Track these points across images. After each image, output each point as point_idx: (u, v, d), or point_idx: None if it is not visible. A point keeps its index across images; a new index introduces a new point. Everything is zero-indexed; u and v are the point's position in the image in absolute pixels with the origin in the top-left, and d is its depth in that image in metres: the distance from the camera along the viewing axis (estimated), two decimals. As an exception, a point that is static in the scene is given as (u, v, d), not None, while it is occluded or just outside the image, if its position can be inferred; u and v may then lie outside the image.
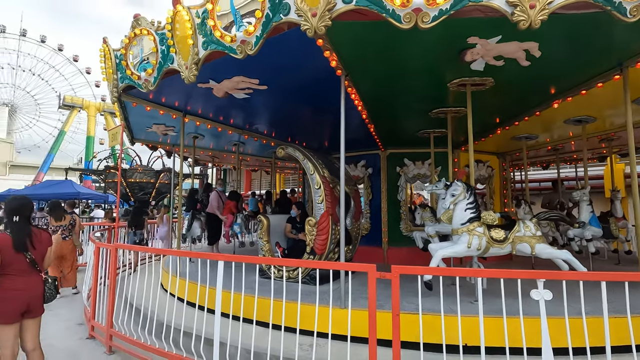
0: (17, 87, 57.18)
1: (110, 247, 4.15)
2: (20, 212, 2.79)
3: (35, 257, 2.77)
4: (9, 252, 2.63)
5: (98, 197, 19.75)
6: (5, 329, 2.65)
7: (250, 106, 5.28)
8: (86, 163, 38.80)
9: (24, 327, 2.79)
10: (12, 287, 2.66)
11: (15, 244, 2.65)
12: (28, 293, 2.73)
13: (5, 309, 2.63)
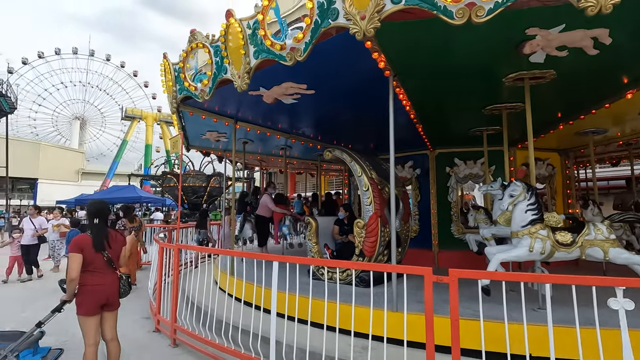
0: (86, 102, 63.50)
1: (173, 247, 4.47)
2: (99, 215, 3.11)
3: (112, 256, 3.07)
4: (90, 251, 2.95)
5: (157, 201, 21.28)
6: (88, 320, 2.96)
7: (297, 111, 5.40)
8: (145, 169, 42.01)
9: (104, 319, 3.10)
10: (93, 282, 2.97)
11: (94, 244, 2.96)
12: (106, 288, 3.03)
13: (87, 302, 2.95)
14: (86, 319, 2.96)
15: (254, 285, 3.46)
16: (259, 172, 24.25)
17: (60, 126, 64.72)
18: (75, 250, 2.91)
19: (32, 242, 7.99)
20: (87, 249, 2.94)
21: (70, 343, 4.01)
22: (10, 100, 26.73)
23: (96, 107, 64.83)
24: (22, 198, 43.57)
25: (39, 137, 60.01)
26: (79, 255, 2.89)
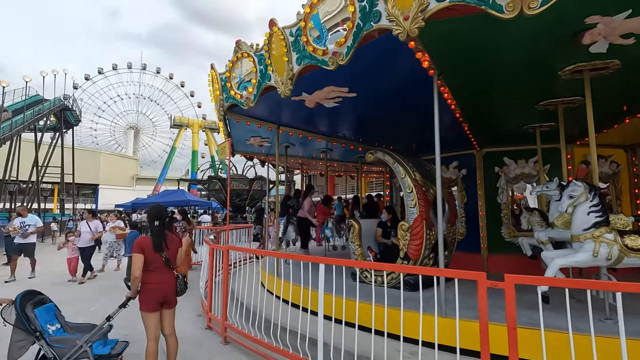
0: (139, 113, 68.35)
1: (223, 249, 4.68)
2: (158, 218, 3.34)
3: (169, 257, 3.28)
4: (150, 252, 3.17)
5: (203, 204, 22.36)
6: (149, 316, 3.19)
7: (338, 114, 5.44)
8: (192, 174, 44.28)
9: (163, 316, 3.32)
10: (153, 281, 3.19)
11: (154, 245, 3.19)
12: (164, 287, 3.24)
13: (149, 299, 3.18)
14: (148, 315, 3.18)
15: (301, 287, 3.51)
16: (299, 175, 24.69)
17: (117, 135, 70.18)
18: (137, 250, 3.14)
19: (88, 245, 8.43)
20: (147, 250, 3.16)
21: (131, 336, 4.30)
22: (75, 113, 29.48)
23: (148, 117, 69.57)
24: (85, 202, 47.84)
25: (99, 146, 65.46)
26: (141, 256, 3.12)
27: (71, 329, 3.42)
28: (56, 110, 25.28)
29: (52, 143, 28.03)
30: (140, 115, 69.10)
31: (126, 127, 70.40)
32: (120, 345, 3.42)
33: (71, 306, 5.67)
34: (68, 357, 3.05)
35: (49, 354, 3.10)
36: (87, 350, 3.09)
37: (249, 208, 23.11)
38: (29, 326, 3.09)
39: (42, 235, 17.47)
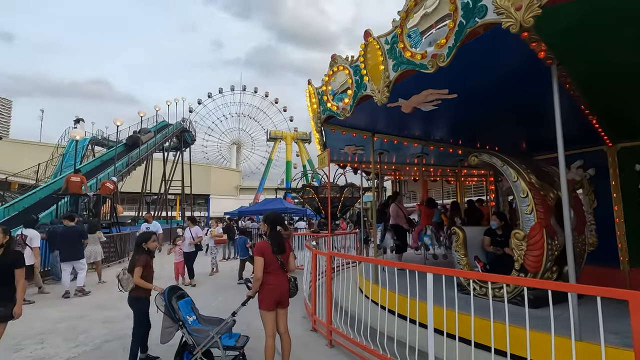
0: (240, 129, 76.01)
1: (325, 255, 4.87)
2: (275, 224, 3.66)
3: (283, 260, 3.55)
4: (269, 255, 3.46)
5: (299, 211, 23.60)
6: (267, 314, 3.48)
7: (436, 117, 5.23)
8: (287, 183, 47.23)
9: (278, 315, 3.59)
10: (271, 282, 3.47)
11: (273, 248, 3.48)
12: (280, 288, 3.51)
13: (267, 299, 3.46)
14: (266, 314, 3.47)
15: (408, 297, 3.44)
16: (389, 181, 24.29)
17: (223, 151, 79.19)
18: (258, 254, 3.44)
19: (190, 250, 8.73)
20: (267, 253, 3.43)
21: (247, 332, 4.70)
22: (192, 134, 34.25)
23: (247, 133, 76.91)
24: (200, 210, 54.94)
25: (209, 160, 74.68)
26: (262, 259, 3.44)
27: (204, 321, 3.93)
28: (178, 133, 29.76)
29: (175, 160, 33.01)
30: (241, 132, 76.84)
31: (230, 143, 79.00)
32: (242, 339, 3.79)
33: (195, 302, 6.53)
34: (203, 345, 3.51)
35: (189, 341, 3.61)
36: (218, 341, 3.51)
37: (340, 215, 23.54)
38: (174, 315, 3.66)
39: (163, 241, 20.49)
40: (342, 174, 26.27)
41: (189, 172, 33.48)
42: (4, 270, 3.28)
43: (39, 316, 5.94)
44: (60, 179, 15.36)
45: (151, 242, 4.26)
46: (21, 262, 3.55)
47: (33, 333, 5.13)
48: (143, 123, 24.56)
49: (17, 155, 31.99)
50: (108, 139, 25.20)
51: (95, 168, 18.67)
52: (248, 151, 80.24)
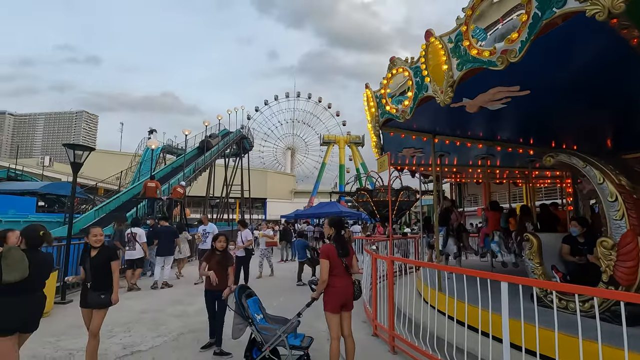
0: (294, 135, 78.07)
1: (387, 260, 4.82)
2: (341, 227, 3.72)
3: (347, 263, 3.58)
4: (335, 258, 3.51)
5: (354, 215, 23.55)
6: (333, 317, 3.52)
7: (505, 115, 4.91)
8: (340, 187, 47.42)
9: (342, 318, 3.61)
10: (337, 284, 3.50)
11: (338, 251, 3.53)
12: (345, 290, 3.53)
13: (332, 301, 3.50)
14: (331, 316, 3.51)
15: (478, 308, 3.26)
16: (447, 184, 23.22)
17: (278, 156, 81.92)
18: (324, 256, 3.48)
19: (242, 254, 8.53)
20: (332, 256, 3.47)
21: (310, 332, 4.80)
22: (250, 140, 35.96)
23: (301, 138, 78.73)
24: (258, 214, 57.33)
25: (265, 165, 77.73)
26: (327, 261, 3.46)
27: (270, 320, 4.08)
28: (237, 140, 31.46)
29: (235, 166, 34.89)
30: (295, 137, 78.92)
31: (285, 148, 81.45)
32: (307, 339, 3.87)
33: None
34: (271, 343, 3.65)
35: (257, 338, 3.77)
36: (284, 340, 3.62)
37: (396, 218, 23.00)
38: (244, 313, 3.86)
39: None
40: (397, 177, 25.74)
41: (247, 177, 35.14)
42: (104, 263, 3.77)
43: (127, 307, 6.65)
44: (138, 185, 17.09)
45: (217, 242, 4.80)
46: (116, 256, 4.03)
47: (122, 322, 5.76)
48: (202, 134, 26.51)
49: (103, 164, 36.26)
50: (177, 147, 27.48)
51: (167, 174, 20.47)
52: (302, 156, 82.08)
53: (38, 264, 3.15)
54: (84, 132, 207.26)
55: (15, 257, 2.98)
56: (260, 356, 3.71)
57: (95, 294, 3.69)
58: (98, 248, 3.81)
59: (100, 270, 3.73)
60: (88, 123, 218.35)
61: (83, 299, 3.77)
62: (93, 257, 3.76)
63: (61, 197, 21.30)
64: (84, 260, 3.82)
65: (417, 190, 23.28)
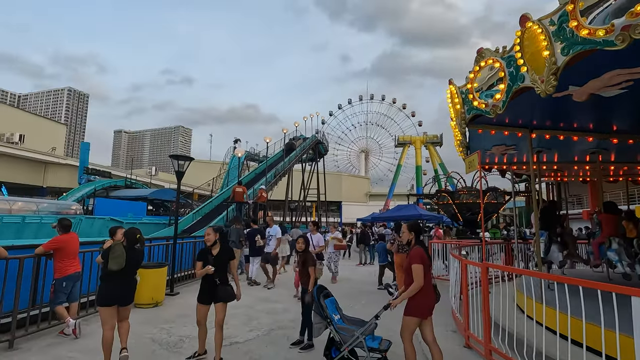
0: (368, 137, 77.60)
1: (480, 266, 4.48)
2: (421, 232, 3.66)
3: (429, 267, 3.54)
4: (426, 262, 3.48)
5: (433, 218, 22.44)
6: (415, 322, 3.45)
7: (624, 102, 4.21)
8: (418, 189, 45.61)
9: (425, 323, 3.52)
10: (428, 289, 3.42)
11: (427, 255, 3.50)
12: (433, 295, 3.47)
13: (423, 306, 3.44)
14: (415, 321, 3.43)
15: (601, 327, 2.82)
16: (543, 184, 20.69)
17: (352, 159, 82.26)
18: (418, 261, 3.43)
19: None
20: (425, 261, 3.45)
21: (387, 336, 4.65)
22: (325, 145, 36.81)
23: (375, 140, 77.94)
24: (333, 217, 58.26)
25: (339, 169, 78.63)
26: (422, 266, 3.40)
27: (347, 321, 4.08)
28: (313, 145, 32.47)
29: (311, 170, 36.02)
30: (369, 140, 78.42)
31: (359, 151, 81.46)
32: (385, 342, 3.82)
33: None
34: (349, 344, 3.65)
35: (336, 338, 3.79)
36: (362, 341, 3.61)
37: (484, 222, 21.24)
38: (323, 313, 3.92)
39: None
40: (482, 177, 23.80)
41: (323, 181, 35.98)
42: (224, 261, 4.27)
43: (222, 302, 7.32)
44: (227, 190, 18.72)
45: (297, 243, 5.26)
46: (233, 254, 4.51)
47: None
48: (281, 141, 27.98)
49: (196, 172, 40.56)
50: (259, 155, 29.47)
51: (251, 180, 22.04)
52: (376, 158, 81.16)
53: (132, 258, 4.04)
54: (180, 144, 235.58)
55: (117, 252, 3.92)
56: (339, 356, 3.72)
57: (225, 288, 4.20)
58: (219, 247, 4.29)
59: (222, 267, 4.22)
60: (184, 136, 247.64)
61: (210, 295, 4.23)
62: (216, 256, 4.24)
63: (165, 202, 24.44)
64: (205, 258, 4.28)
65: (506, 192, 21.24)
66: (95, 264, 5.44)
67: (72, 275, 5.12)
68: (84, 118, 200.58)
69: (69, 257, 5.14)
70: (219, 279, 4.16)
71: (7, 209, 15.77)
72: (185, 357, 4.39)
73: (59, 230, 5.30)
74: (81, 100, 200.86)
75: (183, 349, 4.67)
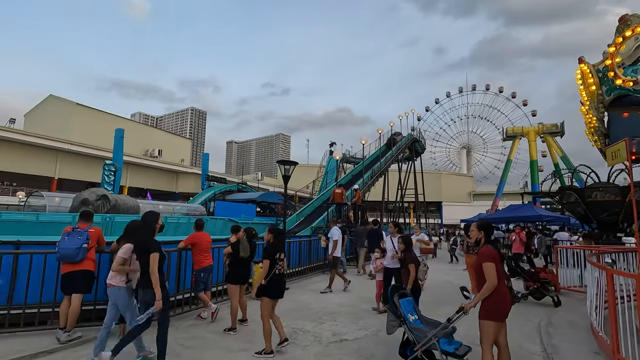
0: (470, 132, 71.56)
1: (635, 277, 3.71)
2: (491, 231, 3.59)
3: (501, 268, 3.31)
4: (498, 262, 3.27)
5: (558, 219, 19.40)
6: (495, 325, 3.22)
7: None
8: (534, 186, 40.09)
9: (500, 326, 3.30)
10: (503, 290, 3.27)
11: (500, 255, 3.35)
12: (509, 297, 3.31)
13: (501, 309, 3.26)
14: (494, 325, 3.21)
15: None
16: None
17: (451, 156, 76.87)
18: (490, 260, 3.24)
19: (394, 265, 6.45)
20: (497, 260, 3.27)
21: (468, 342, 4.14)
22: (421, 143, 35.24)
23: (478, 135, 71.40)
24: (433, 218, 55.25)
25: (437, 167, 74.19)
26: (494, 265, 3.22)
27: (426, 323, 3.98)
28: (409, 144, 31.40)
29: (407, 170, 34.85)
30: (470, 135, 72.28)
31: (459, 148, 75.65)
32: (463, 348, 3.57)
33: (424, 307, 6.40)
34: (422, 344, 3.59)
35: (410, 337, 3.79)
36: (435, 343, 3.52)
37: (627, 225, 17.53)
38: (396, 311, 3.96)
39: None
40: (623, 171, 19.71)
41: (421, 180, 34.47)
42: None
43: (329, 299, 7.61)
44: (326, 192, 19.43)
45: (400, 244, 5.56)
46: (266, 254, 4.67)
47: (327, 312, 6.61)
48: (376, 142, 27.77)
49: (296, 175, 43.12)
50: (355, 157, 29.84)
51: (348, 181, 22.45)
52: (479, 154, 74.25)
53: (252, 249, 5.53)
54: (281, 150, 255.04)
55: (244, 244, 5.38)
56: (412, 356, 3.73)
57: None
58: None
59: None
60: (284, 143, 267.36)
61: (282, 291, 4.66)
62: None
63: (271, 204, 26.61)
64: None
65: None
66: (222, 258, 6.29)
67: (206, 268, 5.98)
68: (204, 132, 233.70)
69: (202, 251, 6.01)
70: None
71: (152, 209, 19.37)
72: (301, 347, 4.70)
73: (194, 228, 6.26)
74: (200, 117, 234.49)
75: (298, 340, 5.00)
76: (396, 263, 6.36)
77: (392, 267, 6.51)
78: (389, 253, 6.57)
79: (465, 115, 68.10)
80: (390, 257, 6.51)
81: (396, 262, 6.35)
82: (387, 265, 6.64)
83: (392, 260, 6.47)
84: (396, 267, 6.37)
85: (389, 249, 6.62)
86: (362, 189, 18.60)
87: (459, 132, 72.54)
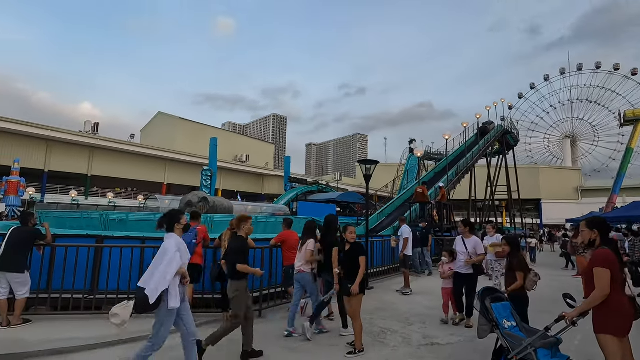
0: (575, 119, 62.32)
1: None
2: (608, 230, 3.11)
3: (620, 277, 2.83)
4: (616, 269, 2.79)
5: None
6: (616, 341, 2.74)
7: None
8: (666, 179, 33.14)
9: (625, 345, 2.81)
10: (623, 301, 2.81)
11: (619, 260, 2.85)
12: (631, 309, 2.80)
13: (622, 321, 2.76)
14: (613, 340, 2.76)
15: None
16: None
17: (551, 147, 67.82)
18: (605, 265, 2.82)
19: (467, 271, 5.76)
20: (614, 266, 2.81)
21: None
22: (514, 135, 31.84)
23: (586, 122, 61.82)
24: (531, 217, 49.39)
25: (534, 159, 66.12)
26: (609, 271, 2.79)
27: (526, 331, 3.56)
28: (499, 137, 28.63)
29: (498, 164, 31.80)
30: (575, 121, 62.99)
31: (561, 138, 66.40)
32: None
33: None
34: (517, 352, 3.24)
35: (504, 344, 3.48)
36: (532, 353, 3.12)
37: None
38: (488, 316, 3.67)
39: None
40: None
41: (514, 176, 31.15)
42: (353, 258, 4.59)
43: (417, 301, 7.39)
44: (408, 190, 18.86)
45: None
46: (363, 252, 4.75)
47: (415, 313, 6.44)
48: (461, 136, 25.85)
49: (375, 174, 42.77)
50: (437, 153, 28.36)
51: (431, 179, 21.45)
52: (588, 144, 64.15)
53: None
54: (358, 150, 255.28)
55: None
56: None
57: (345, 284, 4.59)
58: (351, 243, 4.70)
59: (350, 262, 4.60)
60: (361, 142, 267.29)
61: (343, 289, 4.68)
62: (347, 251, 4.68)
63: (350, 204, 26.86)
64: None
65: None
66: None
67: (294, 264, 6.33)
68: (285, 136, 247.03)
69: (291, 249, 6.36)
70: (342, 273, 4.72)
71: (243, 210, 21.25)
72: (390, 347, 4.67)
73: (284, 227, 6.65)
74: (282, 122, 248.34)
75: (387, 340, 4.98)
76: (469, 269, 5.72)
77: (464, 273, 5.75)
78: (461, 257, 5.81)
79: (569, 100, 59.29)
80: (464, 262, 5.74)
81: (469, 268, 5.71)
82: (458, 270, 5.86)
83: (465, 266, 5.74)
84: (469, 272, 5.72)
85: (460, 252, 5.87)
86: (446, 187, 17.60)
87: (560, 120, 63.58)
